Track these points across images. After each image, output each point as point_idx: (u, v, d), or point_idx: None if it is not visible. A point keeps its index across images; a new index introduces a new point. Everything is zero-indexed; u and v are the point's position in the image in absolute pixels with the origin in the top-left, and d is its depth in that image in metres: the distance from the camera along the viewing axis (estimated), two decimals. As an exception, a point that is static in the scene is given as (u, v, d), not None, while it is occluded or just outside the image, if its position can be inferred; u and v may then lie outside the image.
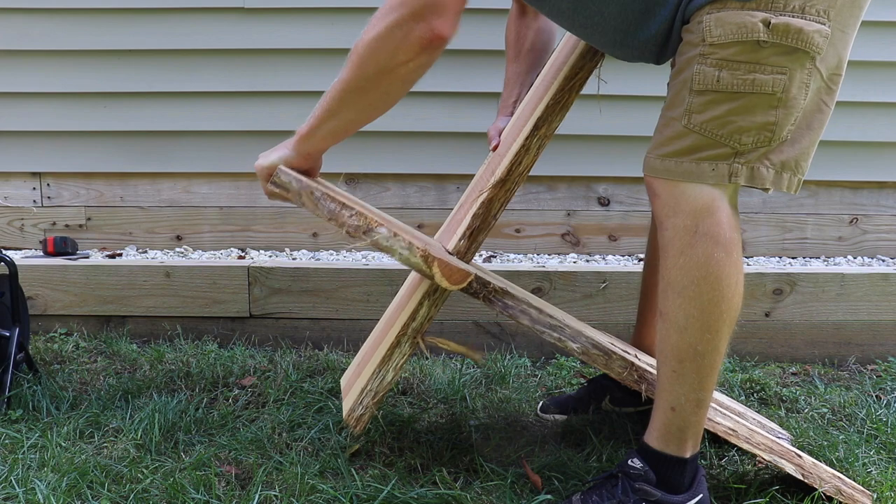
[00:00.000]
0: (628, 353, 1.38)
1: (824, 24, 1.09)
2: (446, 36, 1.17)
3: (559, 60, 1.43)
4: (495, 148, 1.55)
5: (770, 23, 1.08)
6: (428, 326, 1.29)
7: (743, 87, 1.11)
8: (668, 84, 1.35)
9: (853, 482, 1.30)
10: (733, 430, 1.29)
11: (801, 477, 1.27)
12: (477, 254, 2.49)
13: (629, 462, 1.22)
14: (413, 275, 1.60)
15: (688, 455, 1.20)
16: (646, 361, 1.47)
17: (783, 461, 1.27)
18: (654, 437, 1.21)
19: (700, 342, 1.15)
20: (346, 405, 1.32)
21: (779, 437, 1.48)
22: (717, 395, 1.53)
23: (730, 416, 1.33)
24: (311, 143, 1.29)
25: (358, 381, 1.34)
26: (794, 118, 1.13)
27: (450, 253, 1.32)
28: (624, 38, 1.24)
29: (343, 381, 1.53)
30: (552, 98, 1.30)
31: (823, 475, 1.28)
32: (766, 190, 1.16)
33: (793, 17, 1.09)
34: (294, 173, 1.24)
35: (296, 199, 1.21)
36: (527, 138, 1.30)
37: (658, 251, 1.47)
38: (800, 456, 1.29)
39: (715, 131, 1.13)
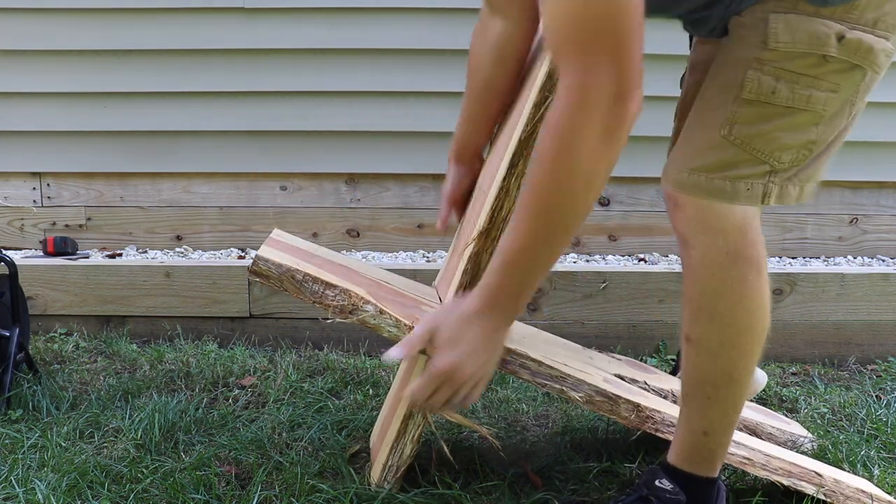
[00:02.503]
0: (633, 391, 1.34)
1: (888, 40, 1.00)
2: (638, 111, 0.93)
3: (528, 85, 1.30)
4: (442, 226, 1.39)
5: (844, 37, 0.97)
6: None
7: (797, 103, 1.00)
8: (688, 74, 1.28)
9: (880, 493, 1.27)
10: (749, 459, 1.25)
11: (823, 497, 1.22)
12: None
13: (658, 483, 1.15)
14: None
15: (716, 474, 1.14)
16: (655, 390, 1.45)
17: (803, 483, 1.23)
18: (682, 460, 1.15)
19: (736, 368, 1.09)
20: (374, 478, 1.29)
21: (801, 438, 1.47)
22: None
23: (743, 444, 1.28)
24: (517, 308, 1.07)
25: (381, 451, 1.30)
26: (832, 137, 1.04)
27: None
28: None
29: (372, 440, 1.46)
30: (524, 130, 1.16)
31: (846, 491, 1.24)
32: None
33: (865, 31, 0.98)
34: (273, 258, 1.20)
35: (278, 286, 1.19)
36: (504, 179, 1.18)
37: None
38: (820, 475, 1.25)
39: (759, 147, 1.02)
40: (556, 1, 0.92)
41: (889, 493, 1.31)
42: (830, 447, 1.48)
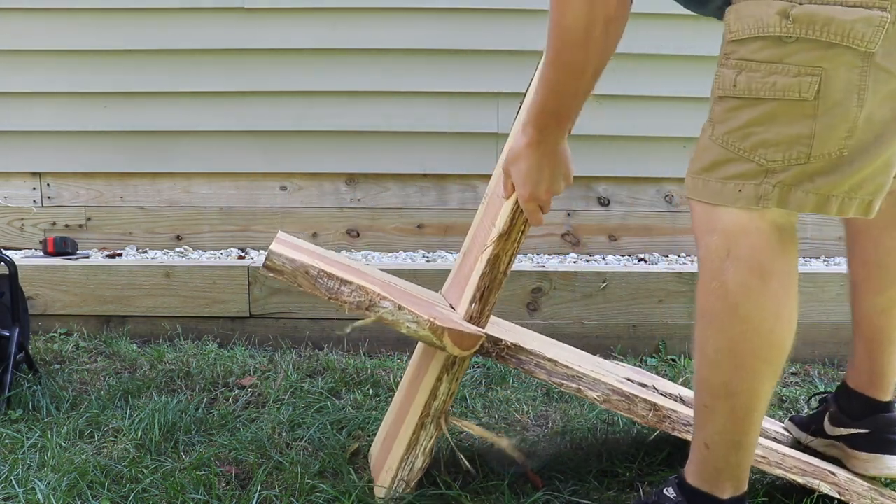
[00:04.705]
0: (647, 392, 1.34)
1: (881, 10, 0.88)
2: None
3: None
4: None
5: (789, 14, 0.90)
6: (451, 402, 1.23)
7: (762, 92, 0.95)
8: None
9: (891, 491, 1.27)
10: (764, 458, 1.24)
11: (837, 495, 1.22)
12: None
13: (664, 491, 1.13)
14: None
15: (725, 497, 1.08)
16: (664, 393, 1.44)
17: (817, 481, 1.22)
18: (690, 471, 1.11)
19: (732, 380, 1.02)
20: (380, 494, 1.26)
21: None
22: None
23: (759, 443, 1.28)
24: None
25: (387, 465, 1.27)
26: (847, 129, 0.93)
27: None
28: None
29: (371, 454, 1.43)
30: None
31: (860, 489, 1.23)
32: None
33: (823, 3, 0.89)
34: (286, 254, 1.18)
35: (291, 281, 1.17)
36: None
37: (859, 270, 1.26)
38: (833, 474, 1.24)
39: (736, 143, 0.98)
40: None
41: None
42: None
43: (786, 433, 1.48)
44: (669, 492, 1.12)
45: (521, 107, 1.40)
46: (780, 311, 1.01)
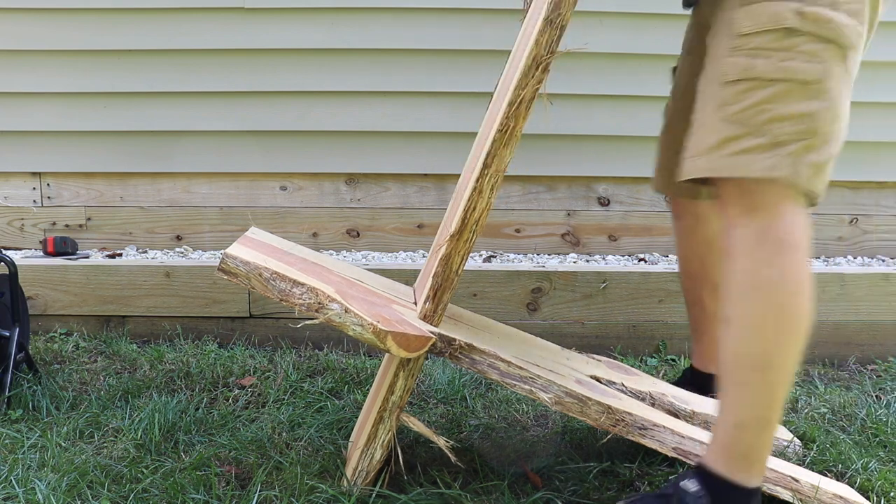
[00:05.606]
0: (607, 392, 1.34)
1: (860, 24, 1.08)
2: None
3: (507, 81, 1.30)
4: None
5: (802, 11, 1.06)
6: (407, 397, 1.24)
7: (780, 74, 1.07)
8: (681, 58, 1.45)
9: (861, 499, 1.26)
10: None
11: (798, 502, 1.22)
12: (476, 253, 2.49)
13: (682, 484, 1.12)
14: None
15: (754, 485, 1.09)
16: (633, 392, 1.45)
17: (778, 488, 1.22)
18: (717, 459, 1.11)
19: (773, 351, 1.08)
20: (345, 481, 1.29)
21: (785, 444, 1.47)
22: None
23: None
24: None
25: (354, 455, 1.29)
26: (833, 117, 1.08)
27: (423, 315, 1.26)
28: None
29: (352, 438, 1.45)
30: (498, 129, 1.17)
31: (823, 497, 1.23)
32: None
33: (823, 7, 1.07)
34: (242, 256, 1.20)
35: (245, 284, 1.19)
36: (478, 179, 1.18)
37: (693, 257, 1.45)
38: (796, 480, 1.24)
39: (751, 120, 1.08)
40: None
41: (884, 495, 1.31)
42: (830, 447, 1.49)
43: None
44: (690, 484, 1.11)
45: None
46: (809, 285, 1.09)
